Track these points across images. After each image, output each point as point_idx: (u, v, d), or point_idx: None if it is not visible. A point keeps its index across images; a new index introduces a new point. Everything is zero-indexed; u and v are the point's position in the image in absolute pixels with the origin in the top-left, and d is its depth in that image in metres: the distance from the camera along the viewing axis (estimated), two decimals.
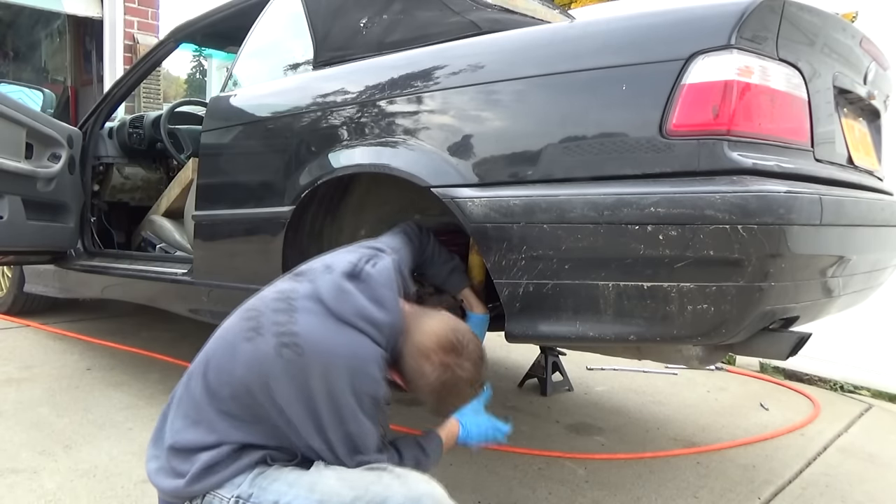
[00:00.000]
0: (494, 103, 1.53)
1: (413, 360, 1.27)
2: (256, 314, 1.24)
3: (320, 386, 1.15)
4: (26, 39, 8.33)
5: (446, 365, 1.26)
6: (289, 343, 1.16)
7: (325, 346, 1.17)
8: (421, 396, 1.33)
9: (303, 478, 1.17)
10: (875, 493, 2.13)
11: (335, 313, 1.21)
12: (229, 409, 1.20)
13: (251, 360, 1.18)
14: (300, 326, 1.18)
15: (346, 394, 1.16)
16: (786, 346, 1.40)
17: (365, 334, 1.21)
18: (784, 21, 1.35)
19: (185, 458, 1.20)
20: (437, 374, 1.26)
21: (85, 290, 3.29)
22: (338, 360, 1.16)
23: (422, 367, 1.27)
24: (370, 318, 1.22)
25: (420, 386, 1.29)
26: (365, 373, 1.18)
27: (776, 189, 1.19)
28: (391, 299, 1.28)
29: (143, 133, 3.38)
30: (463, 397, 1.33)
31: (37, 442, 2.15)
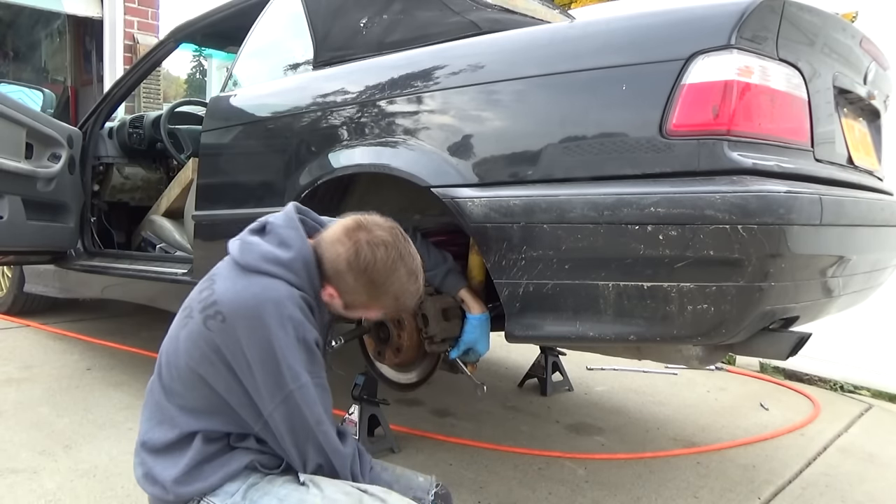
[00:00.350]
0: (494, 103, 1.53)
1: (330, 262, 1.22)
2: (189, 302, 1.25)
3: (250, 344, 1.12)
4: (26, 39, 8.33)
5: (356, 240, 1.21)
6: (212, 314, 1.15)
7: (239, 302, 1.14)
8: (359, 298, 1.24)
9: (293, 493, 1.17)
10: (875, 493, 2.13)
11: (243, 266, 1.19)
12: (185, 402, 1.21)
13: (188, 345, 1.19)
14: (217, 294, 1.17)
15: (274, 344, 1.12)
16: (786, 346, 1.40)
17: (275, 277, 1.17)
18: (784, 21, 1.35)
19: (161, 463, 1.20)
20: (353, 251, 1.20)
21: (85, 290, 3.30)
22: (255, 310, 1.13)
23: (338, 260, 1.21)
24: (276, 259, 1.19)
25: (350, 283, 1.22)
26: (283, 313, 1.13)
27: (776, 189, 1.19)
28: (294, 237, 1.23)
29: (143, 133, 3.38)
30: (399, 275, 1.23)
31: (37, 442, 2.15)
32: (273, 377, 1.13)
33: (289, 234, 1.24)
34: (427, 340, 1.72)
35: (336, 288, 1.24)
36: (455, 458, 2.18)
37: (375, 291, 1.23)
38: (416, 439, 2.29)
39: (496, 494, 1.96)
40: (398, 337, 1.77)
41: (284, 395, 1.13)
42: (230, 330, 1.13)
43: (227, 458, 1.20)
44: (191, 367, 1.19)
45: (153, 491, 1.21)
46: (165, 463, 1.20)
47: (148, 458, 1.22)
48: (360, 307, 1.28)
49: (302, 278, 1.21)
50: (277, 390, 1.13)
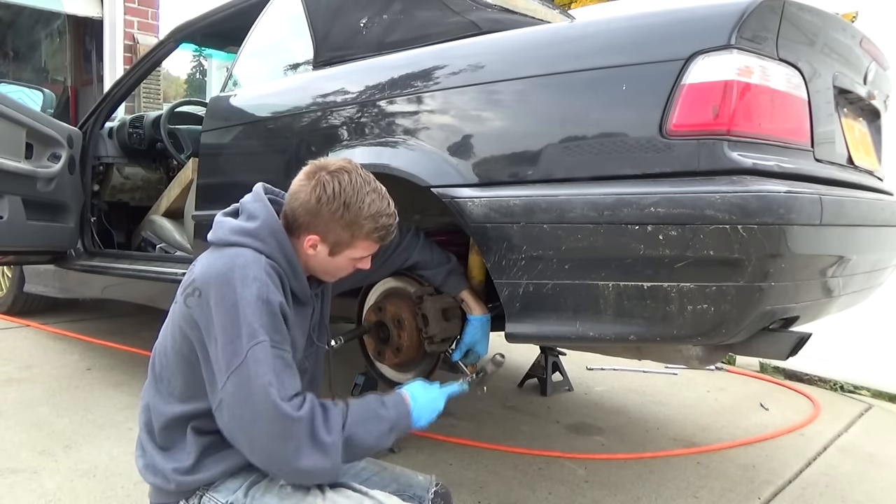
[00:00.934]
0: (494, 103, 1.53)
1: (302, 206, 1.24)
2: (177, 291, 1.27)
3: (218, 310, 1.12)
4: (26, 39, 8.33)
5: (319, 177, 1.23)
6: (190, 292, 1.17)
7: (211, 272, 1.16)
8: (341, 235, 1.24)
9: (294, 494, 1.17)
10: (875, 493, 2.13)
11: (216, 242, 1.23)
12: (171, 388, 1.23)
13: (172, 328, 1.22)
14: (194, 273, 1.20)
15: (239, 303, 1.11)
16: (786, 346, 1.40)
17: (243, 246, 1.20)
18: (784, 21, 1.35)
19: (161, 454, 1.22)
20: (320, 186, 1.22)
21: (85, 290, 3.30)
22: (224, 276, 1.14)
23: (308, 201, 1.23)
24: (242, 230, 1.22)
25: (326, 219, 1.23)
26: (247, 275, 1.14)
27: (776, 189, 1.19)
28: (259, 208, 1.26)
29: (143, 133, 3.38)
30: (370, 195, 1.24)
31: (37, 442, 2.15)
32: (232, 341, 1.10)
33: (254, 206, 1.26)
34: (427, 340, 1.72)
35: (315, 231, 1.25)
36: (455, 458, 2.18)
37: (353, 218, 1.23)
38: (416, 439, 2.29)
39: (496, 494, 1.96)
40: (398, 337, 1.77)
41: (241, 360, 1.09)
42: (204, 302, 1.14)
43: (226, 451, 1.19)
44: (174, 348, 1.21)
45: (154, 480, 1.22)
46: (166, 455, 1.22)
47: (148, 447, 1.24)
48: (345, 245, 1.27)
49: (270, 245, 1.22)
50: (234, 356, 1.10)
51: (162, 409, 1.22)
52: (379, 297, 1.89)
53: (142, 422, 1.28)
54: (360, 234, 1.26)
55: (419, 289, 1.74)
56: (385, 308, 1.79)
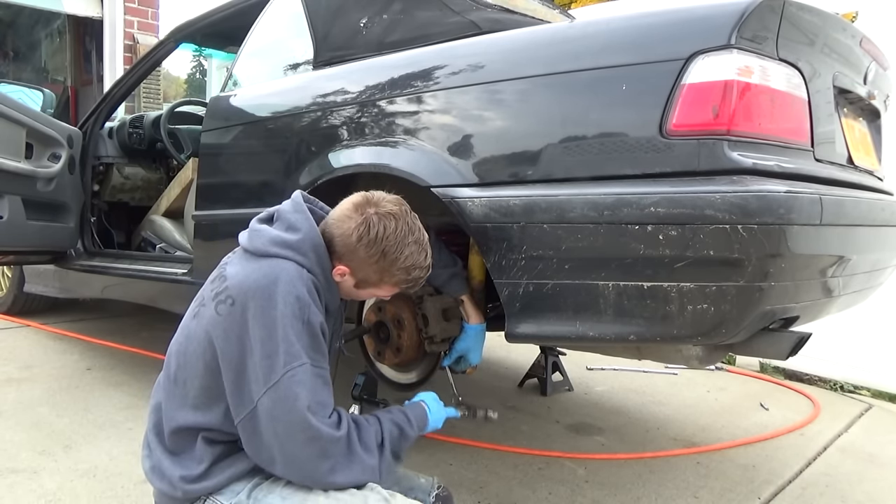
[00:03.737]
0: (494, 103, 1.53)
1: (341, 238, 1.23)
2: (201, 293, 1.26)
3: (255, 323, 1.12)
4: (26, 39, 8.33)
5: (366, 214, 1.22)
6: (223, 299, 1.16)
7: (248, 283, 1.15)
8: (371, 274, 1.25)
9: (296, 493, 1.17)
10: (875, 493, 2.13)
11: (253, 251, 1.21)
12: (187, 393, 1.21)
13: (198, 332, 1.19)
14: (228, 280, 1.18)
15: (279, 322, 1.11)
16: (786, 346, 1.40)
17: (285, 258, 1.18)
18: (784, 21, 1.35)
19: (169, 458, 1.21)
20: (364, 225, 1.21)
21: (85, 290, 3.29)
22: (264, 289, 1.13)
23: (349, 235, 1.22)
24: (284, 242, 1.20)
25: (361, 258, 1.22)
26: (290, 292, 1.14)
27: (776, 189, 1.19)
28: (302, 220, 1.24)
29: (143, 133, 3.38)
30: (409, 247, 1.24)
31: (37, 442, 2.15)
32: (271, 357, 1.11)
33: (297, 217, 1.24)
34: (427, 340, 1.72)
35: (348, 265, 1.25)
36: (455, 458, 2.18)
37: (387, 264, 1.24)
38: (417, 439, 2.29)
39: (496, 494, 1.96)
40: (398, 337, 1.77)
41: (278, 378, 1.10)
42: (239, 311, 1.13)
43: (234, 458, 1.20)
44: (196, 353, 1.19)
45: (160, 486, 1.22)
46: (174, 460, 1.20)
47: (157, 450, 1.23)
48: (371, 284, 1.28)
49: (311, 260, 1.22)
50: (272, 372, 1.11)
51: (173, 413, 1.21)
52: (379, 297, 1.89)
53: (151, 422, 1.26)
54: (389, 281, 1.27)
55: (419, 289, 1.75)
56: (385, 308, 1.79)
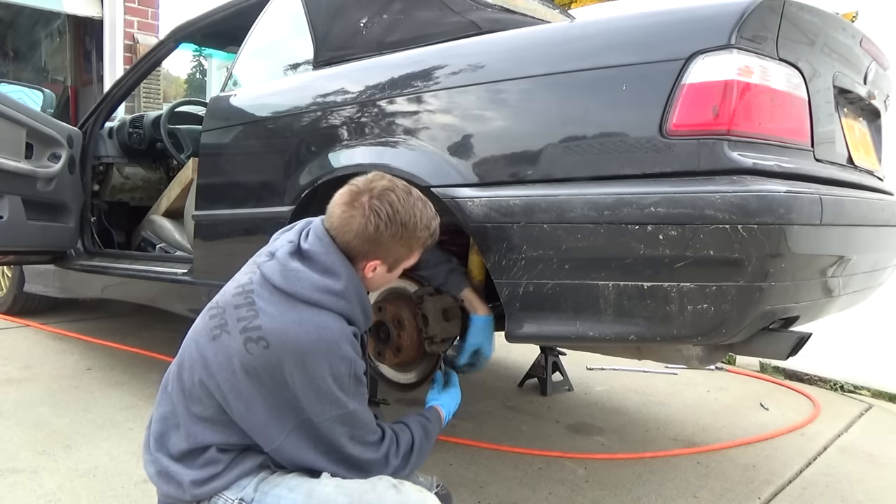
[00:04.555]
0: (494, 103, 1.53)
1: (359, 237, 1.22)
2: (221, 311, 1.22)
3: (296, 376, 1.13)
4: (26, 39, 8.33)
5: (364, 203, 1.22)
6: (255, 338, 1.14)
7: (290, 336, 1.14)
8: (400, 252, 1.27)
9: (303, 484, 1.18)
10: (875, 492, 2.13)
11: (293, 296, 1.18)
12: (204, 410, 1.20)
13: (220, 358, 1.17)
14: (262, 319, 1.16)
15: (327, 379, 1.14)
16: (786, 346, 1.40)
17: (328, 309, 1.18)
18: (784, 21, 1.35)
19: (177, 464, 1.20)
20: (372, 213, 1.21)
21: (85, 290, 3.29)
22: (307, 348, 1.13)
23: (365, 230, 1.21)
24: (328, 289, 1.19)
25: (387, 242, 1.23)
26: (338, 354, 1.15)
27: (776, 189, 1.19)
28: (339, 262, 1.23)
29: (143, 133, 3.38)
30: (417, 205, 1.26)
31: (37, 442, 2.15)
32: (319, 401, 1.15)
33: (332, 260, 1.23)
34: (427, 340, 1.72)
35: (376, 257, 1.26)
36: (455, 458, 2.18)
37: (410, 233, 1.25)
38: None
39: (496, 494, 1.96)
40: (398, 337, 1.77)
41: (326, 416, 1.16)
42: (273, 357, 1.13)
43: (243, 457, 1.22)
44: (217, 380, 1.17)
45: (168, 489, 1.21)
46: (182, 465, 1.20)
47: (163, 458, 1.22)
48: (403, 259, 1.30)
49: (353, 304, 1.23)
50: (321, 411, 1.16)
51: (191, 429, 1.20)
52: (379, 297, 1.89)
53: (156, 430, 1.25)
54: (417, 246, 1.29)
55: (419, 289, 1.74)
56: (385, 308, 1.79)
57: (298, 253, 1.23)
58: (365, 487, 1.17)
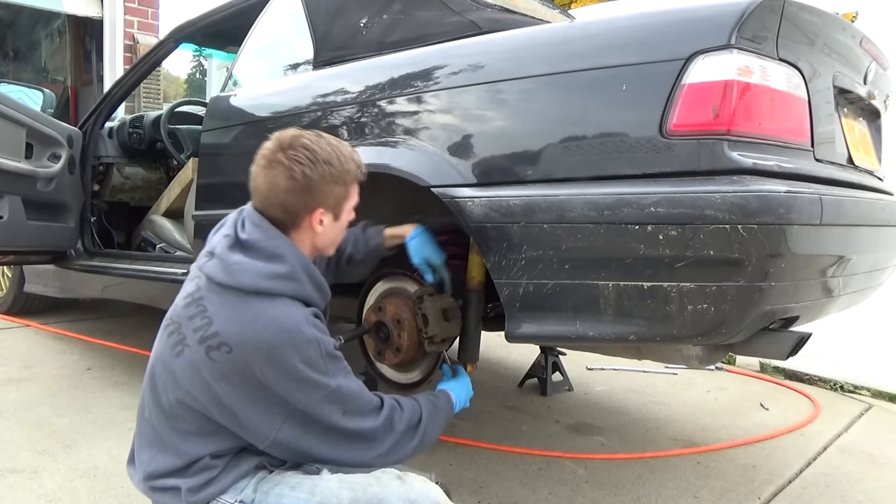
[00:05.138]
0: (494, 103, 1.53)
1: (291, 193, 1.19)
2: (177, 326, 1.19)
3: (270, 373, 1.10)
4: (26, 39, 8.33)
5: (282, 158, 1.19)
6: (215, 345, 1.11)
7: (250, 335, 1.11)
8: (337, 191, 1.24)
9: (305, 481, 1.17)
10: (875, 492, 2.13)
11: (241, 289, 1.14)
12: (190, 426, 1.18)
13: (189, 374, 1.15)
14: (217, 324, 1.13)
15: (300, 367, 1.11)
16: (786, 346, 1.40)
17: (280, 295, 1.15)
18: (784, 21, 1.35)
19: (171, 478, 1.19)
20: (293, 162, 1.18)
21: (85, 290, 3.29)
22: (269, 342, 1.10)
23: (297, 182, 1.19)
24: (275, 274, 1.16)
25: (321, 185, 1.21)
26: (302, 340, 1.12)
27: (776, 189, 1.19)
28: (280, 244, 1.20)
29: (143, 133, 3.38)
30: (330, 141, 1.24)
31: (37, 442, 2.15)
32: (301, 390, 1.13)
33: (274, 243, 1.20)
34: (427, 340, 1.72)
35: (317, 205, 1.22)
36: (455, 458, 2.18)
37: (337, 169, 1.23)
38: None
39: (496, 494, 1.96)
40: (398, 337, 1.77)
41: (313, 402, 1.13)
42: (239, 359, 1.11)
43: (238, 459, 1.20)
44: (192, 394, 1.15)
45: (163, 499, 1.20)
46: (176, 477, 1.18)
47: (155, 481, 1.20)
48: (343, 199, 1.27)
49: (303, 282, 1.20)
50: (307, 399, 1.13)
51: (182, 447, 1.18)
52: (379, 297, 1.89)
53: (146, 459, 1.22)
54: (350, 180, 1.27)
55: (419, 289, 1.74)
56: (385, 308, 1.79)
57: (238, 244, 1.19)
58: (369, 480, 1.15)
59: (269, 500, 1.17)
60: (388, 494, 1.13)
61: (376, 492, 1.13)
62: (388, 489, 1.14)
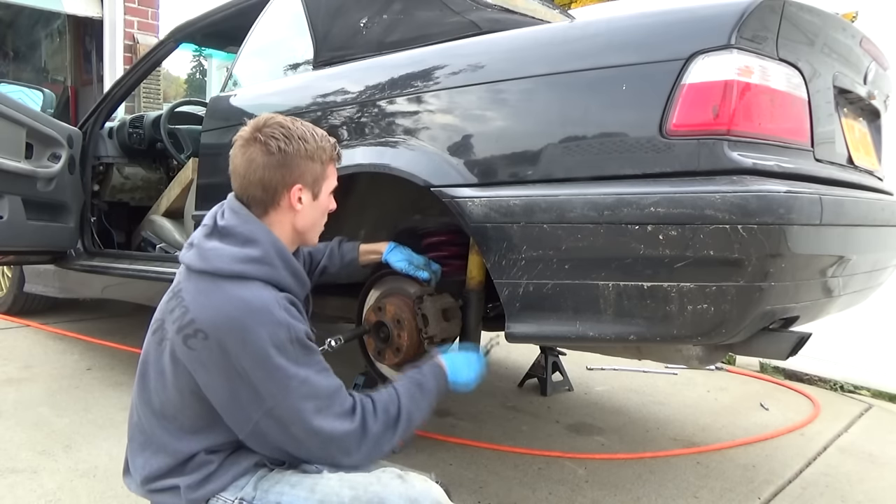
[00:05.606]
0: (495, 103, 1.53)
1: (268, 170, 1.21)
2: (160, 322, 1.20)
3: (243, 359, 1.10)
4: (26, 39, 8.33)
5: (257, 137, 1.21)
6: (192, 333, 1.12)
7: (222, 316, 1.10)
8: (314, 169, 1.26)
9: (305, 479, 1.17)
10: (875, 492, 2.13)
11: (215, 273, 1.15)
12: (182, 423, 1.18)
13: (173, 367, 1.15)
14: (193, 312, 1.13)
15: (270, 351, 1.09)
16: (786, 346, 1.40)
17: (252, 279, 1.15)
18: (784, 21, 1.35)
19: (168, 479, 1.19)
20: (267, 140, 1.20)
21: (85, 290, 3.29)
22: (240, 323, 1.09)
23: (268, 162, 1.21)
24: (247, 258, 1.16)
25: (297, 162, 1.22)
26: (272, 321, 1.11)
27: (776, 189, 1.19)
28: (256, 229, 1.20)
29: (143, 133, 3.38)
30: (303, 125, 1.26)
31: (37, 442, 2.15)
32: (272, 379, 1.11)
33: (248, 228, 1.20)
34: (427, 340, 1.72)
35: (293, 181, 1.23)
36: (455, 458, 2.18)
37: (312, 146, 1.25)
38: (416, 439, 2.29)
39: (496, 494, 1.96)
40: (398, 337, 1.77)
41: (278, 400, 1.11)
42: (215, 345, 1.10)
43: (235, 457, 1.20)
44: (178, 388, 1.16)
45: (162, 499, 1.21)
46: (173, 477, 1.19)
47: (155, 485, 1.21)
48: (320, 178, 1.28)
49: (277, 267, 1.20)
50: (278, 391, 1.11)
51: (175, 445, 1.18)
52: (379, 297, 1.89)
53: (141, 463, 1.22)
54: (326, 159, 1.28)
55: (419, 289, 1.75)
56: (385, 308, 1.79)
57: (215, 231, 1.21)
58: (370, 479, 1.15)
59: (269, 497, 1.16)
60: (389, 493, 1.13)
61: (377, 490, 1.13)
62: (388, 488, 1.14)
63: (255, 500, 1.17)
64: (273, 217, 1.25)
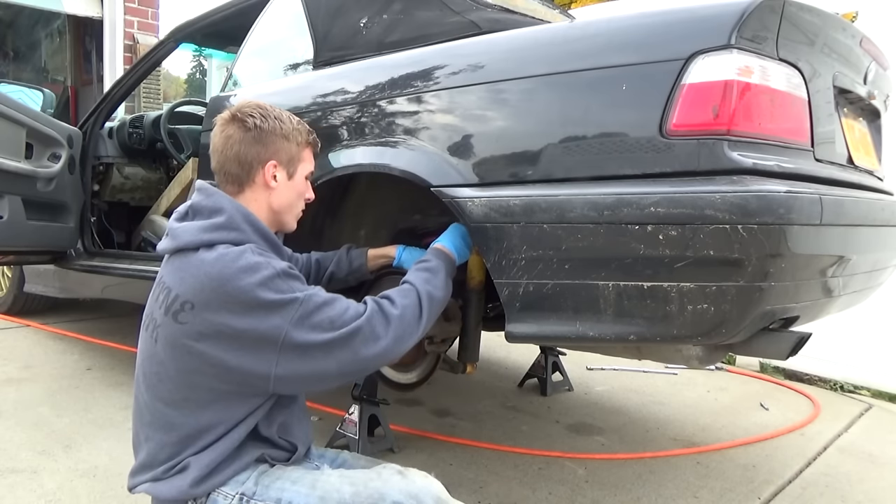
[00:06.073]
0: (495, 103, 1.53)
1: (245, 146, 1.28)
2: (150, 315, 1.23)
3: (236, 309, 1.11)
4: (26, 39, 8.34)
5: (238, 118, 1.28)
6: (179, 308, 1.14)
7: (200, 282, 1.13)
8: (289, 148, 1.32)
9: (306, 475, 1.18)
10: (875, 492, 2.13)
11: (186, 247, 1.18)
12: (199, 405, 1.19)
13: (171, 351, 1.17)
14: (176, 289, 1.16)
15: (258, 291, 1.11)
16: (786, 346, 1.40)
17: (220, 243, 1.17)
18: (784, 21, 1.35)
19: (173, 467, 1.19)
20: (248, 121, 1.28)
21: (85, 290, 3.29)
22: (218, 282, 1.11)
23: (244, 138, 1.27)
24: (213, 226, 1.19)
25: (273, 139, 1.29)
26: (248, 267, 1.12)
27: (776, 189, 1.19)
28: (221, 200, 1.23)
29: (143, 133, 3.38)
30: (278, 109, 1.34)
31: (37, 442, 2.15)
32: (271, 314, 1.11)
33: (212, 201, 1.24)
34: (427, 340, 1.72)
35: (268, 157, 1.29)
36: (455, 458, 2.18)
37: (287, 127, 1.32)
38: (416, 439, 2.30)
39: (496, 494, 1.96)
40: None
41: (288, 320, 1.11)
42: (204, 312, 1.12)
43: (239, 451, 1.20)
44: (188, 369, 1.16)
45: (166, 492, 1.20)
46: (179, 475, 1.18)
47: (150, 469, 1.21)
48: (296, 160, 1.34)
49: (246, 233, 1.21)
50: (282, 320, 1.11)
51: (177, 437, 1.18)
52: None
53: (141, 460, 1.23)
54: (302, 141, 1.35)
55: None
56: None
57: (185, 213, 1.26)
58: (370, 475, 1.15)
59: (269, 493, 1.16)
60: (390, 489, 1.13)
61: (378, 486, 1.13)
62: (389, 483, 1.14)
63: (255, 495, 1.17)
64: (249, 195, 1.29)
